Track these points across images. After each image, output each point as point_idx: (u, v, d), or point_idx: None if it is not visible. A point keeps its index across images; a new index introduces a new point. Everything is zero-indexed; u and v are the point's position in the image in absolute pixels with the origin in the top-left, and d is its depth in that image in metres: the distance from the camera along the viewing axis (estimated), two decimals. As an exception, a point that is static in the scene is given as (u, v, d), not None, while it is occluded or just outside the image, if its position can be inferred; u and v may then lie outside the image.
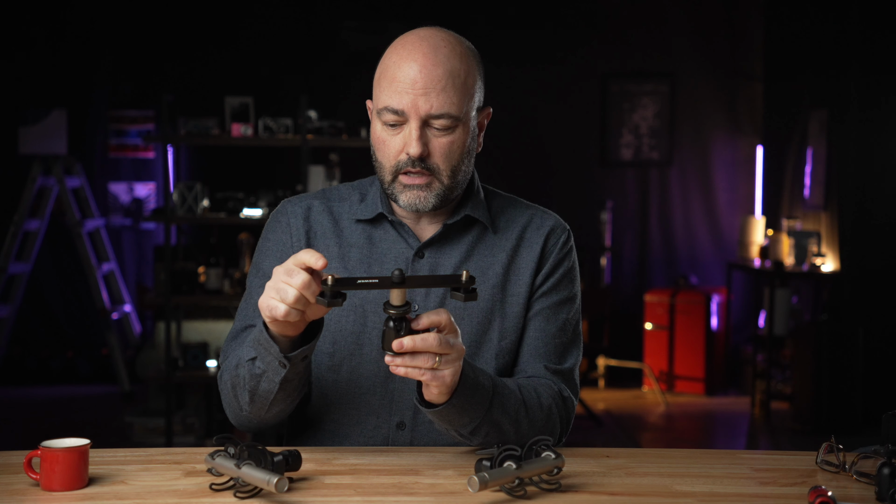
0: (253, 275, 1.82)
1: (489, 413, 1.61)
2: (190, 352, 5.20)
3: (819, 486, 1.44)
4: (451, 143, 1.69)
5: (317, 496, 1.46)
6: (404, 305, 1.49)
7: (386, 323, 1.49)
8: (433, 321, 1.50)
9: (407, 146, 1.67)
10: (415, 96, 1.65)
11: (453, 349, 1.51)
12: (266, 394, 1.64)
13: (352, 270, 1.77)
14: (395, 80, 1.66)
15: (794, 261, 6.22)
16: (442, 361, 1.50)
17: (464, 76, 1.68)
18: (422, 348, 1.48)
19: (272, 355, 1.59)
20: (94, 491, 1.47)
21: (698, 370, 6.73)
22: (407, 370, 1.50)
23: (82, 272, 6.69)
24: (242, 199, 5.24)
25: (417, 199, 1.70)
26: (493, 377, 1.66)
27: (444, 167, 1.69)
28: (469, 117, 1.71)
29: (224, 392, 1.72)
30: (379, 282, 1.47)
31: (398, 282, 1.46)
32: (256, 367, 1.62)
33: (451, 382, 1.53)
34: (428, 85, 1.65)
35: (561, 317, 1.81)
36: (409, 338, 1.48)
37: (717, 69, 7.23)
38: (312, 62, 6.96)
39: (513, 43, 6.99)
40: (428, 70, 1.65)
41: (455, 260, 1.77)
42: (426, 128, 1.67)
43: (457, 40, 1.70)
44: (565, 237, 1.84)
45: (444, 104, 1.65)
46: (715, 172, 7.25)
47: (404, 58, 1.66)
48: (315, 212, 1.81)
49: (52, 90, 6.89)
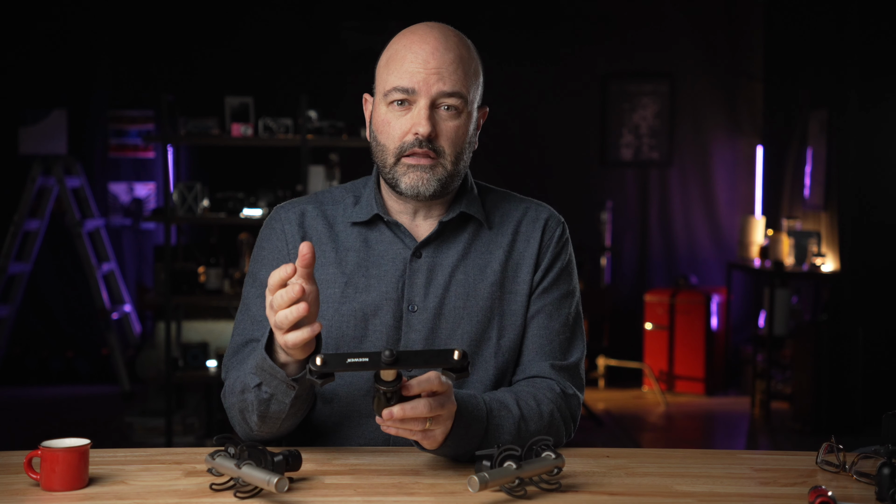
0: (249, 285, 1.79)
1: (485, 441, 1.61)
2: (190, 352, 5.20)
3: (819, 486, 1.44)
4: (458, 127, 1.70)
5: (317, 496, 1.46)
6: (395, 381, 1.46)
7: (376, 391, 1.47)
8: (424, 389, 1.49)
9: (416, 125, 1.67)
10: (427, 74, 1.66)
11: (444, 409, 1.51)
12: (277, 414, 1.64)
13: (349, 274, 1.75)
14: (405, 61, 1.67)
15: (794, 261, 6.22)
16: (432, 423, 1.50)
17: (472, 65, 1.71)
18: (412, 416, 1.47)
19: (279, 380, 1.58)
20: (94, 491, 1.47)
21: (698, 370, 6.73)
22: (398, 431, 1.50)
23: (82, 272, 6.69)
24: (242, 199, 5.24)
25: (420, 180, 1.69)
26: (488, 402, 1.64)
27: (450, 151, 1.70)
28: (473, 107, 1.73)
29: (231, 414, 1.72)
30: (369, 361, 1.43)
31: (389, 362, 1.42)
32: (263, 392, 1.61)
33: (442, 439, 1.54)
34: (440, 65, 1.67)
35: (563, 312, 1.80)
36: (398, 407, 1.47)
37: (717, 69, 7.23)
38: (312, 62, 6.96)
39: (513, 43, 6.99)
40: (440, 52, 1.67)
41: (453, 259, 1.76)
42: (434, 109, 1.68)
43: (462, 35, 1.74)
44: (560, 230, 1.83)
45: (456, 83, 1.67)
46: (715, 172, 7.26)
47: (415, 41, 1.69)
48: (309, 217, 1.80)
49: (52, 90, 6.90)
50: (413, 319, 1.74)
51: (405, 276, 1.75)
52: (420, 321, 1.74)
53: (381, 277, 1.75)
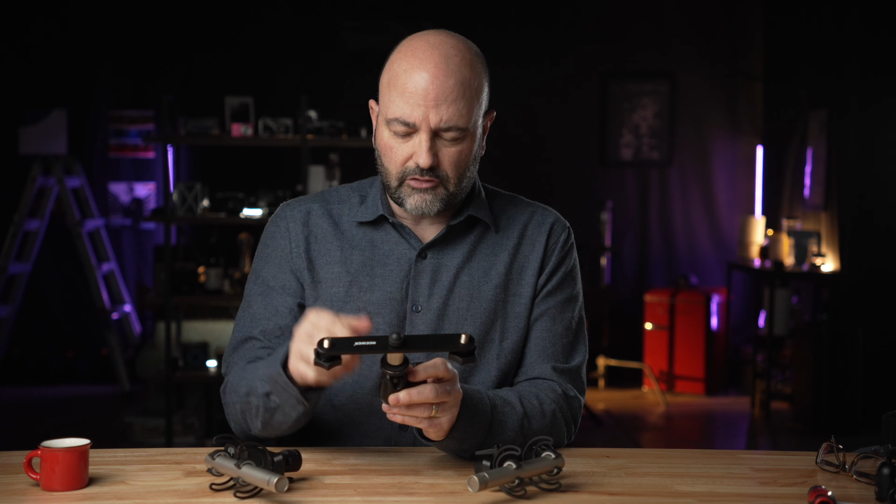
0: (252, 282, 1.79)
1: (489, 436, 1.61)
2: (190, 352, 5.19)
3: (819, 486, 1.44)
4: (460, 152, 1.68)
5: (317, 496, 1.46)
6: (402, 366, 1.46)
7: (383, 376, 1.48)
8: (430, 374, 1.49)
9: (416, 156, 1.66)
10: (426, 108, 1.63)
11: (450, 396, 1.51)
12: (281, 423, 1.63)
13: (354, 273, 1.75)
14: (405, 91, 1.64)
15: (794, 261, 6.22)
16: (438, 410, 1.51)
17: (474, 86, 1.67)
18: (418, 401, 1.48)
19: (290, 394, 1.57)
20: (94, 491, 1.47)
21: (698, 370, 6.73)
22: (404, 418, 1.50)
23: (82, 272, 6.68)
24: (242, 199, 5.25)
25: (424, 202, 1.69)
26: (492, 397, 1.65)
27: (453, 175, 1.69)
28: (476, 126, 1.70)
29: (230, 411, 1.71)
30: (377, 344, 1.43)
31: (396, 346, 1.43)
32: (272, 401, 1.60)
33: (448, 427, 1.54)
34: (439, 96, 1.63)
35: (566, 316, 1.81)
36: (405, 392, 1.47)
37: (717, 69, 7.23)
38: (312, 62, 6.96)
39: (513, 43, 6.99)
40: (440, 81, 1.63)
41: (458, 261, 1.76)
42: (436, 138, 1.66)
43: (466, 46, 1.68)
44: (566, 235, 1.83)
45: (454, 116, 1.64)
46: (715, 172, 7.25)
47: (415, 66, 1.64)
48: (314, 215, 1.79)
49: (52, 90, 6.90)
50: (417, 320, 1.74)
51: (410, 276, 1.75)
52: (424, 321, 1.74)
53: (385, 277, 1.75)
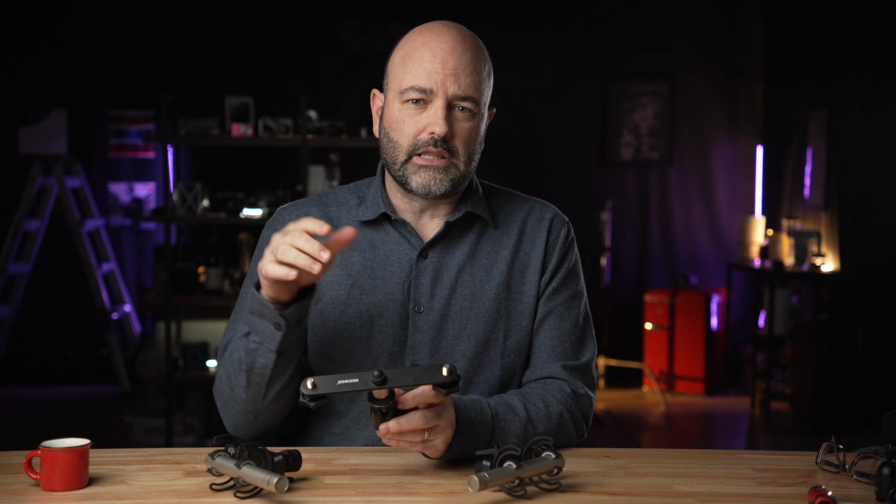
0: (248, 285, 1.76)
1: (492, 445, 1.60)
2: (190, 352, 5.20)
3: (819, 486, 1.44)
4: (472, 129, 1.70)
5: (317, 496, 1.46)
6: (388, 399, 1.47)
7: (371, 409, 1.49)
8: (419, 402, 1.49)
9: (431, 125, 1.66)
10: (445, 75, 1.66)
11: (441, 419, 1.51)
12: (262, 370, 1.62)
13: (355, 276, 1.75)
14: (423, 59, 1.67)
15: (794, 261, 6.22)
16: (431, 433, 1.51)
17: (486, 67, 1.72)
18: (408, 429, 1.48)
19: (267, 319, 1.57)
20: (94, 491, 1.47)
21: (698, 370, 6.73)
22: (398, 443, 1.51)
23: (82, 272, 6.68)
24: (242, 199, 5.25)
25: (433, 180, 1.69)
26: (494, 406, 1.64)
27: (463, 152, 1.70)
28: (485, 108, 1.74)
29: (221, 393, 1.70)
30: (359, 381, 1.44)
31: (378, 382, 1.43)
32: (251, 341, 1.60)
33: (444, 447, 1.54)
34: (458, 66, 1.67)
35: (573, 312, 1.80)
36: (394, 422, 1.48)
37: (717, 69, 7.23)
38: (312, 62, 6.96)
39: (513, 43, 6.99)
40: (458, 53, 1.67)
41: (459, 260, 1.76)
42: (450, 110, 1.68)
43: (475, 35, 1.74)
44: (566, 230, 1.83)
45: (470, 87, 1.67)
46: (715, 172, 7.26)
47: (432, 39, 1.68)
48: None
49: (52, 90, 6.90)
50: (419, 320, 1.73)
51: (411, 276, 1.74)
52: (426, 322, 1.73)
53: (386, 279, 1.74)
